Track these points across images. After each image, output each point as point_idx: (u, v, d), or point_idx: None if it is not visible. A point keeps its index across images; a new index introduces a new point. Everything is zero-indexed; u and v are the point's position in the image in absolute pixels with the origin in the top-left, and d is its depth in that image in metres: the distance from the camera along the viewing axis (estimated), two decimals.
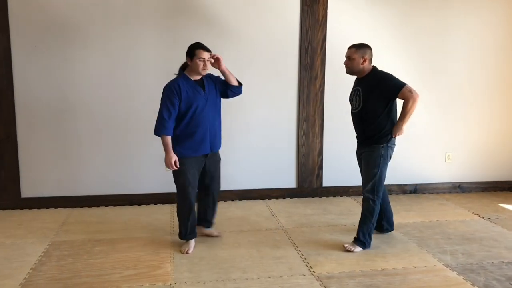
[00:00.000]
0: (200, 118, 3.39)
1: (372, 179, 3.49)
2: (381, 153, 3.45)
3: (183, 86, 3.35)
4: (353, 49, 3.47)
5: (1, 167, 4.37)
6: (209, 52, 3.39)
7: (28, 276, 3.08)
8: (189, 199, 3.48)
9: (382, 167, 3.47)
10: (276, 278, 3.09)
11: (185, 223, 3.52)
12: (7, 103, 4.30)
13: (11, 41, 4.24)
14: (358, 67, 3.46)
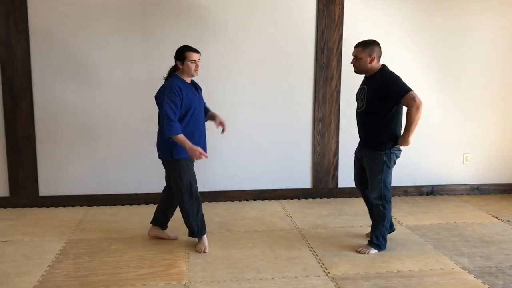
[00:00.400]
0: (197, 119, 3.44)
1: (377, 185, 3.41)
2: (383, 160, 3.35)
3: (182, 87, 3.35)
4: (360, 48, 3.36)
5: (20, 166, 4.45)
6: (199, 54, 3.40)
7: (45, 274, 3.12)
8: (197, 196, 3.48)
9: (385, 173, 3.39)
10: (291, 279, 3.08)
11: (196, 220, 3.51)
12: (26, 103, 4.37)
13: (30, 42, 4.31)
14: (366, 67, 3.35)
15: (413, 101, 3.21)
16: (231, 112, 4.65)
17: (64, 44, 4.36)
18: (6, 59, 4.29)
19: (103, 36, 4.40)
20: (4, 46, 4.27)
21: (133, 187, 4.60)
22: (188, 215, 3.51)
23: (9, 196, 4.48)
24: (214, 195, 4.74)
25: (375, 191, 3.43)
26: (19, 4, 4.23)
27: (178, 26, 4.46)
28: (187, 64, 3.35)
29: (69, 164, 4.52)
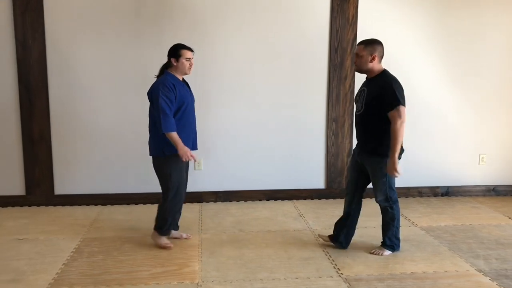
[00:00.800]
0: (188, 116, 3.47)
1: (382, 188, 3.34)
2: (385, 163, 3.26)
3: (176, 84, 3.38)
4: (362, 45, 3.30)
5: (36, 165, 4.50)
6: (193, 52, 3.45)
7: (60, 271, 3.16)
8: (181, 196, 3.53)
9: (390, 176, 3.31)
10: (303, 279, 3.07)
11: (170, 219, 3.53)
12: (41, 102, 4.43)
13: (46, 41, 4.36)
14: (367, 66, 3.27)
15: (398, 116, 3.12)
16: (245, 112, 4.66)
17: (79, 44, 4.41)
18: (22, 59, 4.35)
19: (118, 36, 4.43)
20: (21, 45, 4.33)
21: (147, 187, 4.62)
22: (165, 213, 3.51)
23: (25, 195, 4.54)
24: (227, 195, 4.75)
25: (381, 194, 3.37)
26: (35, 4, 4.28)
27: (193, 28, 4.47)
28: (182, 62, 3.39)
29: (84, 163, 4.56)
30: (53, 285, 2.97)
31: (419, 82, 4.79)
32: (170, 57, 3.42)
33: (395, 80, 3.24)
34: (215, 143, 4.67)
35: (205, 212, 4.44)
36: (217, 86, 4.60)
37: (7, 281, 3.02)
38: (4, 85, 4.39)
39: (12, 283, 2.99)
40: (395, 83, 3.21)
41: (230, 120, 4.67)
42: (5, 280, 3.03)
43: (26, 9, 4.28)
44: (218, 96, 4.62)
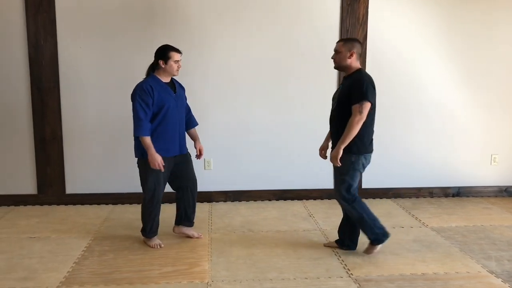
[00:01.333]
0: (170, 119, 3.41)
1: (342, 185, 3.33)
2: (351, 160, 3.27)
3: (155, 86, 3.36)
4: (341, 42, 3.33)
5: (48, 164, 4.55)
6: (181, 54, 3.43)
7: (71, 270, 3.18)
8: (158, 199, 3.51)
9: (352, 174, 3.30)
10: (313, 279, 3.06)
11: (151, 222, 3.55)
12: (53, 103, 4.47)
13: (58, 43, 4.40)
14: (345, 62, 3.28)
15: (359, 112, 3.13)
16: (255, 112, 4.66)
17: (90, 45, 4.44)
18: (34, 59, 4.39)
19: (129, 38, 4.46)
20: (33, 46, 4.37)
21: None
22: (144, 215, 3.56)
23: (37, 194, 4.59)
24: (237, 195, 4.76)
25: (338, 192, 3.36)
26: (47, 6, 4.33)
27: (200, 28, 4.49)
28: (171, 64, 3.37)
29: (95, 162, 4.60)
30: (64, 284, 2.99)
31: (430, 81, 4.76)
32: (158, 59, 3.39)
33: (369, 78, 3.25)
34: (225, 143, 4.68)
35: (214, 211, 4.45)
36: (226, 86, 4.61)
37: (20, 279, 3.05)
38: (17, 85, 4.44)
39: (25, 281, 3.02)
40: (367, 80, 3.21)
41: (240, 120, 4.67)
42: (18, 278, 3.06)
43: (38, 11, 4.33)
44: (228, 96, 4.62)
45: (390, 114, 4.77)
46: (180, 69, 3.45)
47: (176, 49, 3.42)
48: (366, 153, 3.30)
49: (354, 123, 3.15)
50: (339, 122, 3.31)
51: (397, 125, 4.80)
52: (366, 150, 3.30)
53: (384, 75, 4.70)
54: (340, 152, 3.21)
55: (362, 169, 3.35)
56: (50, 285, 2.97)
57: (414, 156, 4.86)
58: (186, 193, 3.66)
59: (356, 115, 3.14)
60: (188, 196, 3.67)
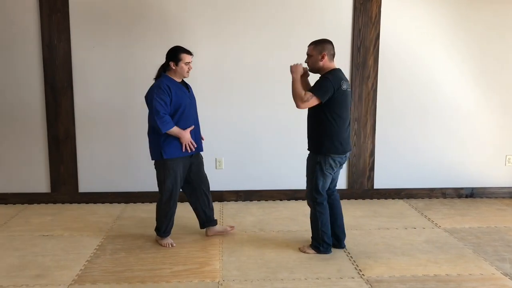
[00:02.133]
0: (186, 118, 3.45)
1: (309, 185, 3.37)
2: (317, 160, 3.29)
3: (171, 86, 3.39)
4: (312, 45, 3.32)
5: (61, 163, 4.59)
6: (192, 55, 3.45)
7: (83, 268, 3.21)
8: (174, 200, 3.54)
9: (318, 175, 3.31)
10: (324, 280, 3.05)
11: (166, 222, 3.57)
12: (66, 103, 4.51)
13: (71, 43, 4.44)
14: (318, 65, 3.28)
15: (301, 99, 3.17)
16: (267, 112, 4.65)
17: (103, 44, 4.47)
18: (48, 59, 4.44)
19: (142, 38, 4.48)
20: (47, 46, 4.42)
21: None
22: (161, 215, 3.59)
23: (50, 192, 4.64)
24: (248, 194, 4.76)
25: (307, 192, 3.40)
26: (61, 6, 4.37)
27: (211, 26, 4.49)
28: (181, 66, 3.40)
29: (107, 161, 4.63)
30: (77, 281, 3.02)
31: (442, 81, 4.71)
32: (169, 60, 3.42)
33: (333, 76, 3.22)
34: (236, 143, 4.68)
35: (226, 211, 4.46)
36: (238, 86, 4.61)
37: (34, 276, 3.09)
38: (31, 85, 4.49)
39: (38, 278, 3.06)
40: (332, 80, 3.19)
41: (251, 120, 4.67)
42: (31, 275, 3.10)
43: (52, 11, 4.37)
44: (239, 96, 4.63)
45: (402, 114, 4.74)
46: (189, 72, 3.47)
47: (187, 50, 3.43)
48: (335, 154, 3.29)
49: (297, 96, 3.20)
50: (309, 122, 3.38)
51: (409, 125, 4.76)
52: (335, 151, 3.28)
53: (396, 74, 4.67)
54: (296, 74, 3.28)
55: (331, 170, 3.34)
56: (63, 282, 3.00)
57: (426, 156, 4.82)
58: (201, 195, 3.69)
59: (302, 98, 3.17)
60: (204, 198, 3.70)
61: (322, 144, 3.26)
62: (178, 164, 3.46)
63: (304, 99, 3.16)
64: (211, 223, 3.77)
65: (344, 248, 3.55)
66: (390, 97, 4.71)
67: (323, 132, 3.26)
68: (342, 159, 3.35)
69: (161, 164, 3.46)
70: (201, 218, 3.75)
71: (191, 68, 3.46)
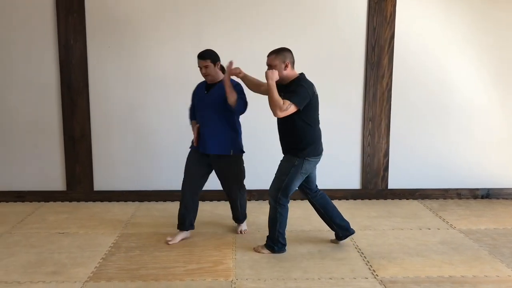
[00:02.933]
0: (199, 117, 3.65)
1: (276, 185, 3.37)
2: (294, 163, 3.29)
3: (198, 87, 3.70)
4: (273, 55, 3.28)
5: (77, 162, 4.64)
6: (204, 60, 3.47)
7: (98, 265, 3.25)
8: (183, 188, 3.67)
9: (292, 176, 3.31)
10: (338, 280, 3.04)
11: (179, 211, 3.68)
12: (82, 103, 4.56)
13: (87, 42, 4.49)
14: (281, 74, 3.25)
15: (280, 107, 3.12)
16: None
17: (119, 44, 4.52)
18: (65, 59, 4.50)
19: (157, 37, 4.51)
20: (63, 46, 4.48)
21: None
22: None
23: (66, 190, 4.70)
24: (261, 193, 4.76)
25: (272, 189, 3.39)
26: (77, 7, 4.42)
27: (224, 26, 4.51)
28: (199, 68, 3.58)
29: (122, 160, 4.68)
30: (92, 278, 3.06)
31: (458, 80, 4.66)
32: None
33: (305, 83, 3.25)
34: (250, 142, 4.66)
35: None
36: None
37: (50, 273, 3.13)
38: (47, 85, 4.55)
39: (54, 275, 3.10)
40: (301, 85, 3.22)
41: (264, 119, 4.66)
42: (48, 272, 3.14)
43: (69, 12, 4.43)
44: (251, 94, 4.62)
45: (417, 114, 4.70)
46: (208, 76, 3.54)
47: (199, 55, 3.52)
48: (311, 156, 3.32)
49: (275, 104, 3.14)
50: (281, 130, 3.39)
51: (423, 125, 4.72)
52: (314, 153, 3.33)
53: (411, 74, 4.64)
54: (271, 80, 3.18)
55: (305, 174, 3.36)
56: (78, 279, 3.04)
57: (441, 156, 4.78)
58: (228, 195, 3.82)
59: (281, 106, 3.13)
60: (229, 198, 3.84)
61: (303, 148, 3.29)
62: (192, 154, 3.71)
63: (283, 108, 3.14)
64: (236, 221, 3.93)
65: (353, 233, 3.56)
66: (405, 97, 4.67)
67: (303, 137, 3.28)
68: (316, 161, 3.41)
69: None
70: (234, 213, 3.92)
71: (205, 72, 3.51)
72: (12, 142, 4.63)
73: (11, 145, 4.63)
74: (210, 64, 3.48)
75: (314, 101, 3.28)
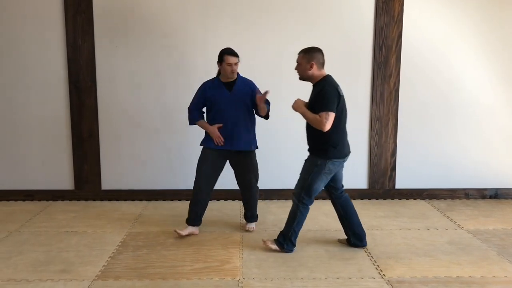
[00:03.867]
0: (221, 117, 3.65)
1: (300, 184, 3.38)
2: (317, 163, 3.30)
3: (211, 86, 3.68)
4: (301, 54, 3.33)
5: (85, 161, 4.67)
6: (237, 57, 3.58)
7: (106, 264, 3.27)
8: (198, 186, 3.72)
9: (315, 176, 3.31)
10: (345, 280, 3.04)
11: (190, 208, 3.76)
12: (90, 102, 4.59)
13: (95, 43, 4.52)
14: (306, 73, 3.30)
15: (322, 122, 3.16)
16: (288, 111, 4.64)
17: (126, 44, 4.54)
18: (73, 59, 4.52)
19: (164, 37, 4.52)
20: (71, 47, 4.50)
21: (190, 183, 4.69)
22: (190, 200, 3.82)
23: (74, 190, 4.73)
24: (268, 193, 4.76)
25: (297, 188, 3.41)
26: (85, 7, 4.44)
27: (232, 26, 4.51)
28: (224, 66, 3.59)
29: (129, 160, 4.70)
30: (100, 277, 3.07)
31: (466, 80, 4.64)
32: (217, 61, 3.64)
33: (331, 86, 3.26)
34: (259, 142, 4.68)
35: None
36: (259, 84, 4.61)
37: (59, 271, 3.15)
38: (56, 84, 4.58)
39: (63, 273, 3.12)
40: (329, 89, 3.22)
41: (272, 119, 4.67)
42: (56, 270, 3.17)
43: (77, 12, 4.45)
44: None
45: (425, 113, 4.69)
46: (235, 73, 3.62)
47: (232, 52, 3.58)
48: (336, 158, 3.31)
49: (317, 123, 3.20)
50: (308, 131, 3.40)
51: (431, 124, 4.71)
52: (339, 155, 3.33)
53: (419, 73, 4.62)
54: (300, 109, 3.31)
55: (329, 175, 3.36)
56: (86, 278, 3.06)
57: (449, 156, 4.75)
58: (243, 192, 3.89)
59: (322, 121, 3.17)
60: (244, 195, 3.90)
61: (326, 150, 3.29)
62: (211, 153, 3.69)
63: (324, 121, 3.17)
64: (247, 219, 3.96)
65: (365, 246, 3.53)
66: (412, 96, 4.66)
67: (327, 139, 3.28)
68: (341, 163, 3.40)
69: (202, 150, 3.75)
70: (246, 211, 3.95)
71: (235, 70, 3.60)
72: (20, 141, 4.66)
73: (19, 144, 4.67)
74: (238, 62, 3.62)
75: (340, 102, 3.28)
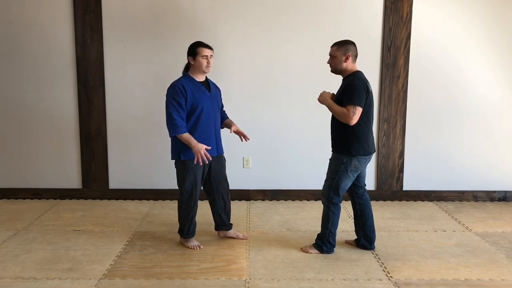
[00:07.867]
0: (206, 119, 3.36)
1: (328, 184, 3.35)
2: (343, 161, 3.26)
3: (188, 85, 3.31)
4: (335, 46, 3.28)
5: (92, 160, 4.69)
6: (211, 50, 3.35)
7: (113, 263, 3.28)
8: (195, 200, 3.47)
9: (341, 175, 3.28)
10: (352, 281, 3.03)
11: (188, 223, 3.50)
12: (98, 101, 4.61)
13: (104, 43, 4.53)
14: (341, 66, 3.25)
15: (349, 116, 3.12)
16: (295, 112, 4.65)
17: (135, 44, 4.55)
18: (81, 58, 4.54)
19: (172, 36, 4.53)
20: (80, 45, 4.52)
21: None
22: (182, 216, 3.52)
23: (82, 188, 4.75)
24: (275, 194, 4.76)
25: (325, 189, 3.37)
26: (94, 6, 4.46)
27: (244, 28, 4.51)
28: (199, 60, 3.29)
29: (137, 159, 4.71)
30: (107, 276, 3.08)
31: (475, 81, 4.61)
32: (188, 55, 3.36)
33: (361, 81, 3.20)
34: (264, 142, 4.69)
35: (253, 210, 4.47)
36: (268, 86, 4.61)
37: (66, 270, 3.16)
38: (64, 83, 4.60)
39: (70, 272, 3.13)
40: (358, 84, 3.17)
41: (279, 119, 4.67)
42: (64, 269, 3.18)
43: (85, 11, 4.47)
44: (269, 96, 4.63)
45: (433, 115, 4.66)
46: (210, 67, 3.35)
47: (205, 44, 3.34)
48: (361, 155, 3.27)
49: (343, 116, 3.15)
50: (333, 126, 3.36)
51: (440, 126, 4.68)
52: (363, 152, 3.27)
53: (427, 74, 4.60)
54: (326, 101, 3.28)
55: (355, 171, 3.32)
56: (93, 276, 3.07)
57: (457, 158, 4.73)
58: (218, 197, 3.61)
59: (349, 114, 3.13)
60: (220, 201, 3.62)
61: (350, 146, 3.25)
62: (192, 166, 3.35)
63: (351, 115, 3.13)
64: (225, 227, 3.70)
65: (373, 249, 3.51)
66: (420, 98, 4.63)
67: (351, 134, 3.24)
68: (367, 160, 3.35)
69: (181, 164, 3.39)
70: (216, 220, 3.69)
71: (210, 63, 3.33)
72: (28, 140, 4.69)
73: (27, 143, 4.69)
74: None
75: (368, 98, 3.23)
